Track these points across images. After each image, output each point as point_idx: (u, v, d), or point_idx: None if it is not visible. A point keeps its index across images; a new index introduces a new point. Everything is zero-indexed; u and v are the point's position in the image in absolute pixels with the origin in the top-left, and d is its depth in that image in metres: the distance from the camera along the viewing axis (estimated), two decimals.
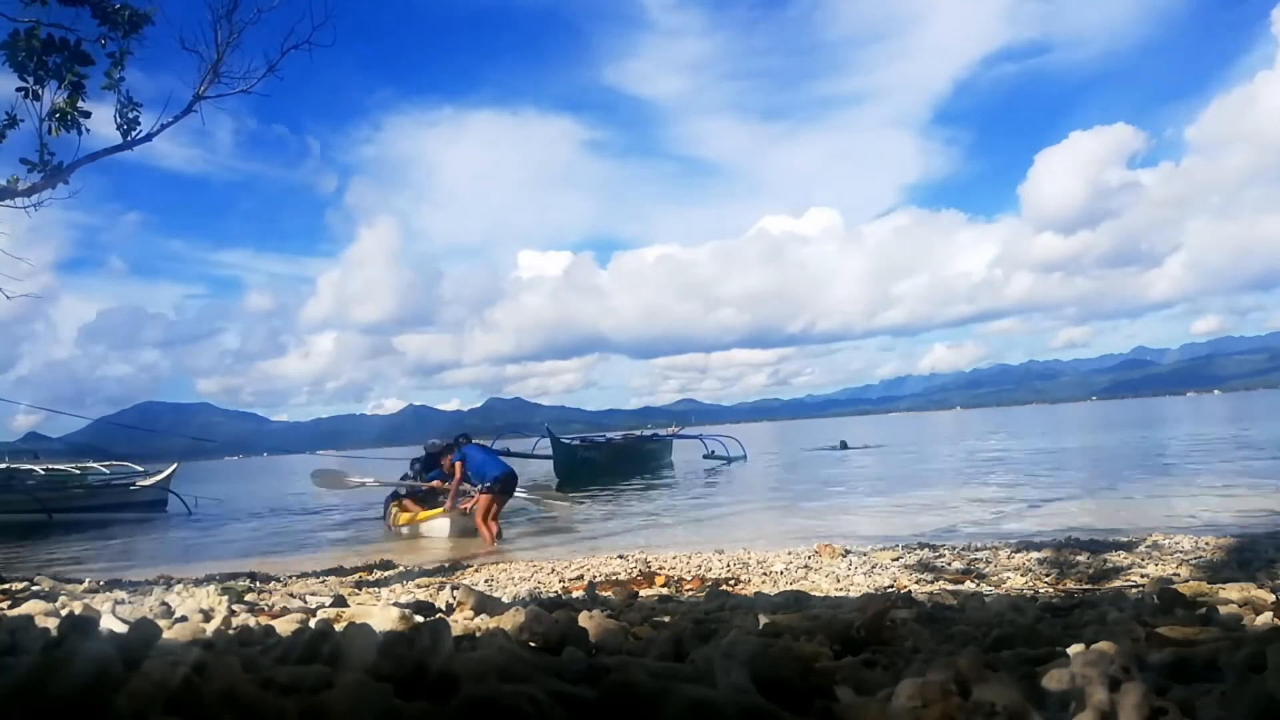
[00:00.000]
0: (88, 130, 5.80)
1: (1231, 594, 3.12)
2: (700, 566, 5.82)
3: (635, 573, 5.59)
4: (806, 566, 5.60)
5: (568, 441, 21.95)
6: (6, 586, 5.19)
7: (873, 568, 5.45)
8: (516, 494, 10.54)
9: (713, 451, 24.51)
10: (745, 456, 23.78)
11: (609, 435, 26.08)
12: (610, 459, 21.71)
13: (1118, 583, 4.38)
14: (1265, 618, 2.22)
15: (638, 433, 27.16)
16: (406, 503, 10.84)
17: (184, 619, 2.49)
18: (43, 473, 17.41)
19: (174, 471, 18.25)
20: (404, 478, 11.47)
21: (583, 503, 13.15)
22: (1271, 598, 2.88)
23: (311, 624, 1.99)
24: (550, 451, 20.56)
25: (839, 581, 4.89)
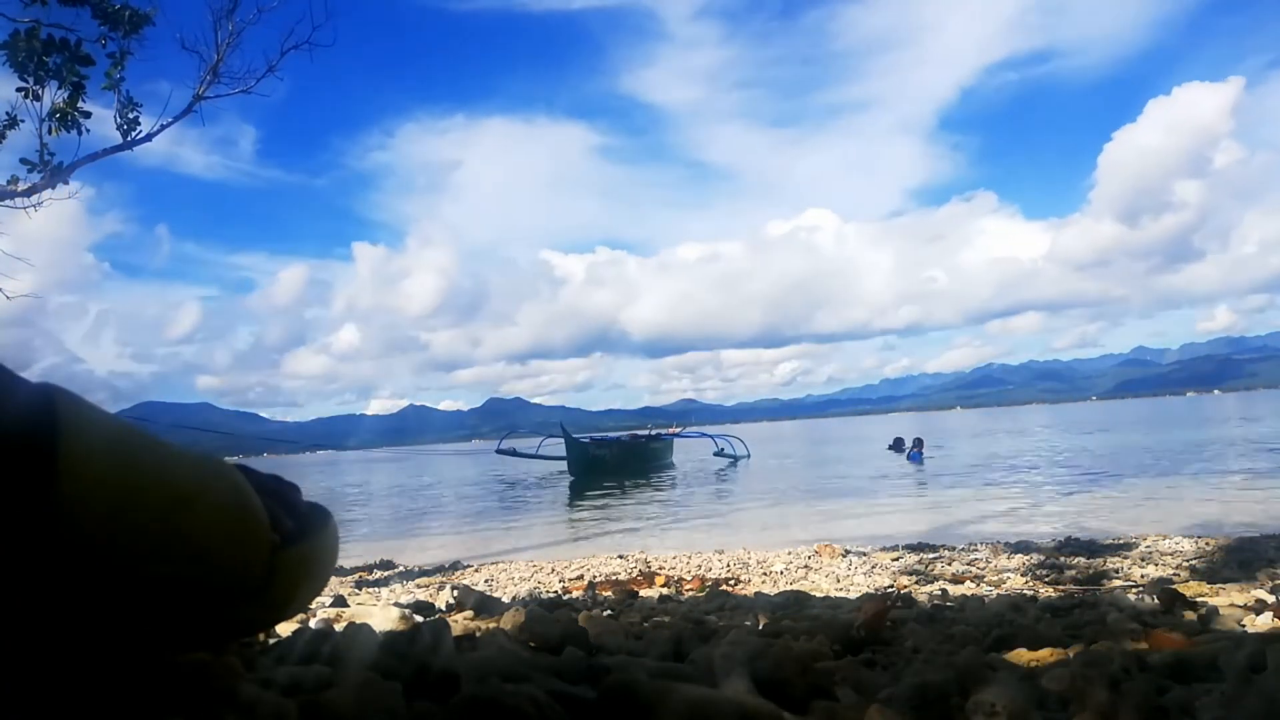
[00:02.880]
0: (88, 130, 5.81)
1: (1232, 595, 3.12)
2: (700, 566, 5.82)
3: (635, 573, 5.59)
4: (806, 566, 5.60)
5: (583, 440, 22.19)
6: None
7: (873, 568, 5.45)
8: None
9: (722, 450, 24.88)
10: (749, 455, 23.99)
11: (617, 434, 26.31)
12: (621, 458, 21.95)
13: (1118, 583, 4.38)
14: (1265, 618, 2.22)
15: (642, 432, 27.31)
16: None
17: None
18: None
19: None
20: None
21: None
22: (1272, 598, 2.88)
23: (311, 624, 1.99)
24: (558, 452, 20.77)
25: (839, 581, 4.89)
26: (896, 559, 5.89)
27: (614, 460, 21.52)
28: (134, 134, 6.05)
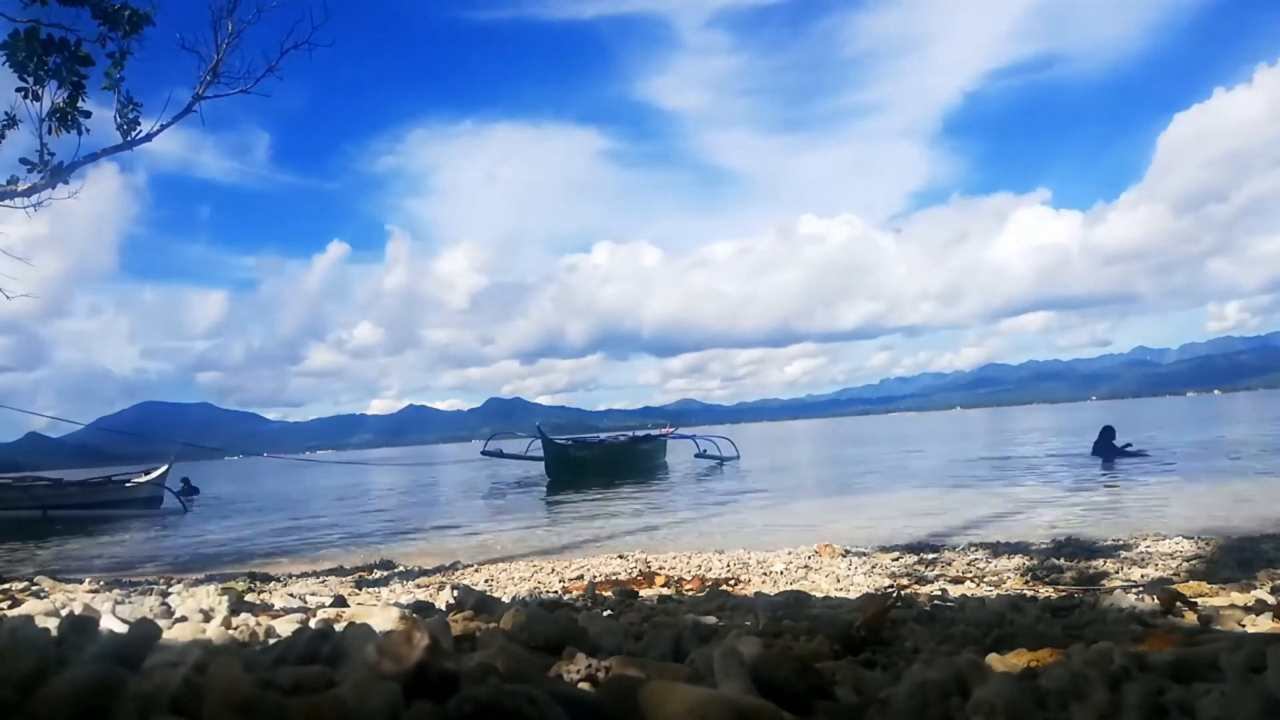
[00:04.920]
0: (88, 130, 5.81)
1: (1232, 595, 3.12)
2: (700, 566, 5.83)
3: (635, 573, 5.60)
4: (806, 566, 5.60)
5: (560, 442, 21.74)
6: (6, 586, 5.19)
7: (873, 568, 5.45)
8: None
9: (704, 451, 24.15)
10: (738, 456, 23.47)
11: (602, 435, 25.81)
12: (602, 459, 21.44)
13: (1118, 583, 4.38)
14: (1265, 619, 2.22)
15: (631, 433, 26.87)
16: None
17: (184, 619, 2.49)
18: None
19: (166, 471, 18.29)
20: None
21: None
22: (1272, 599, 2.88)
23: (311, 624, 1.99)
24: (543, 452, 20.36)
25: (839, 581, 4.89)
26: (896, 559, 5.89)
27: (596, 462, 20.99)
28: (134, 134, 6.05)
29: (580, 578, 5.56)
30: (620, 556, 6.66)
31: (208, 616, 2.59)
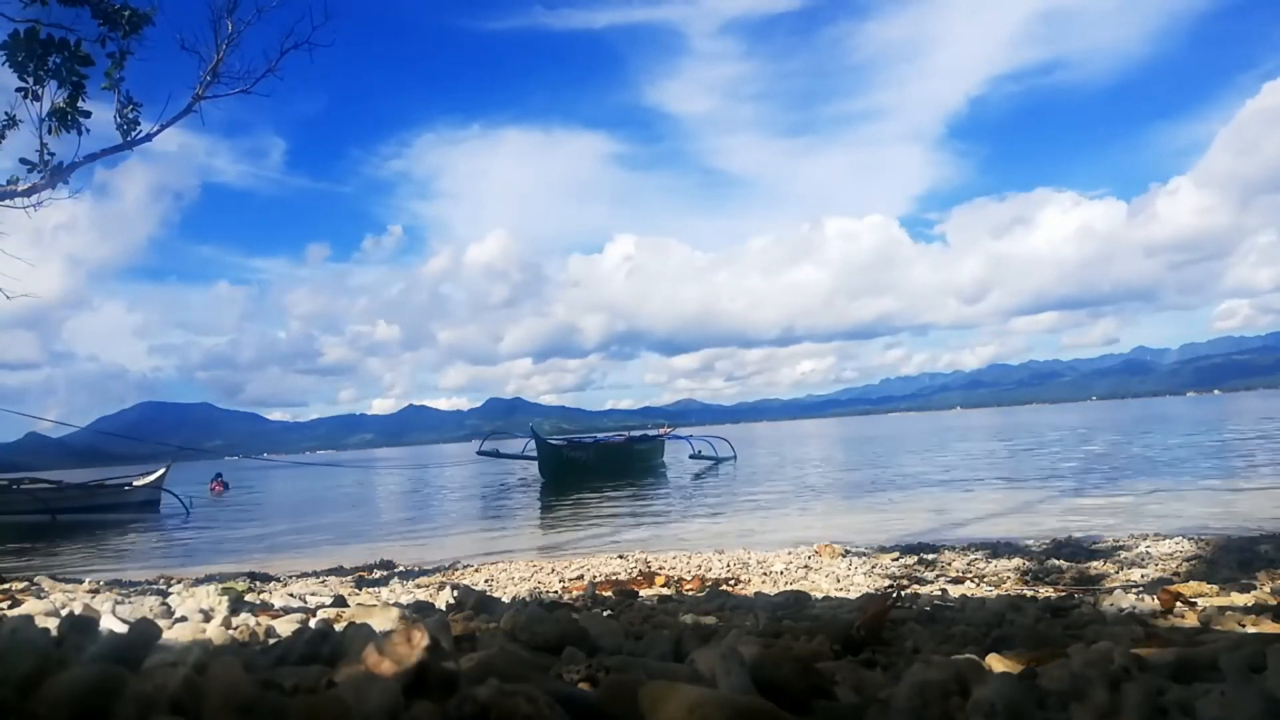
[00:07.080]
0: (88, 130, 5.81)
1: (1232, 595, 3.12)
2: (700, 566, 5.83)
3: (635, 573, 5.59)
4: (806, 566, 5.60)
5: (554, 442, 21.63)
6: (7, 586, 5.19)
7: (873, 568, 5.45)
8: None
9: (699, 452, 23.92)
10: (735, 457, 23.33)
11: (599, 435, 25.71)
12: (598, 460, 21.24)
13: (1118, 583, 4.38)
14: (1265, 619, 2.22)
15: (628, 433, 26.74)
16: None
17: (184, 619, 2.49)
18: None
19: (165, 473, 18.27)
20: None
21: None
22: (1272, 599, 2.88)
23: (311, 624, 1.99)
24: (537, 453, 20.23)
25: (839, 581, 4.89)
26: (896, 559, 5.89)
27: (591, 462, 20.76)
28: (134, 134, 6.05)
29: (580, 578, 5.55)
30: (620, 556, 6.66)
31: (208, 616, 2.59)
